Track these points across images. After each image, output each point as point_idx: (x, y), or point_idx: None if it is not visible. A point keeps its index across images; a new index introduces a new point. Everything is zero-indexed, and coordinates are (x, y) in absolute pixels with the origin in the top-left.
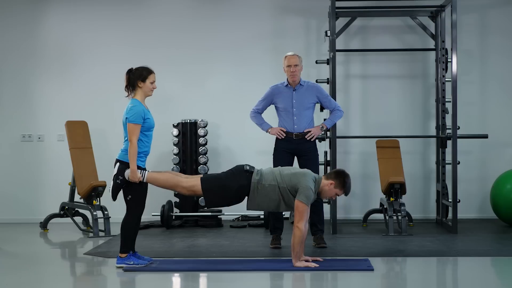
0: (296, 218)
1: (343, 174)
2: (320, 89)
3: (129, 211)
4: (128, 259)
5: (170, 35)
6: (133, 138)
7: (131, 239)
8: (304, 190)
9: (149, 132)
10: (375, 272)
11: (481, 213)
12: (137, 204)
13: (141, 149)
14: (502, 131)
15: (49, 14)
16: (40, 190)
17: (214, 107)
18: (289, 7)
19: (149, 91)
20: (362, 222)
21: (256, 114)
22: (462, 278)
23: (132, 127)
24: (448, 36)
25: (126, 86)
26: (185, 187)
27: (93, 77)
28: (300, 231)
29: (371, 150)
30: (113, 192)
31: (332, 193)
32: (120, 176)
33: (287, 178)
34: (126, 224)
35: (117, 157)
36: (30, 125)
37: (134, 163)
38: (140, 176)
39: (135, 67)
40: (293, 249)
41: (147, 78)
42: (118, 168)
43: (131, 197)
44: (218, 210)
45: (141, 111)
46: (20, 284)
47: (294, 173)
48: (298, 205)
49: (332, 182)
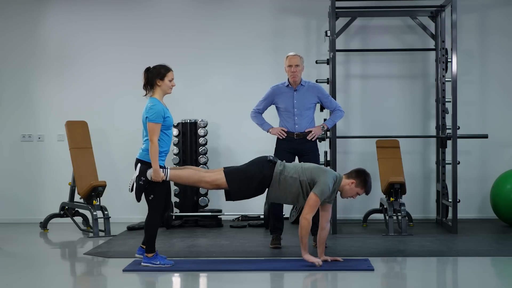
0: (305, 210)
1: (364, 173)
2: (321, 89)
3: (151, 211)
4: (155, 258)
5: (170, 35)
6: (154, 137)
7: (155, 238)
8: (321, 184)
9: (169, 130)
10: (375, 272)
11: (481, 213)
12: (160, 203)
13: (161, 148)
14: (502, 131)
15: (49, 14)
16: (40, 190)
17: (214, 107)
18: (289, 7)
19: (168, 89)
20: (362, 222)
21: (257, 114)
22: (462, 278)
23: (153, 126)
24: (448, 36)
25: (144, 85)
26: (208, 181)
27: (93, 77)
28: (308, 222)
29: (371, 150)
30: (137, 194)
31: (353, 192)
32: (143, 177)
33: (308, 172)
34: (150, 223)
35: (138, 156)
36: (30, 125)
37: (156, 162)
38: (163, 175)
39: (153, 65)
40: (301, 241)
41: (165, 76)
42: (139, 169)
43: (153, 196)
44: (218, 210)
45: (160, 109)
46: (20, 284)
47: (316, 167)
48: (311, 197)
49: (353, 181)
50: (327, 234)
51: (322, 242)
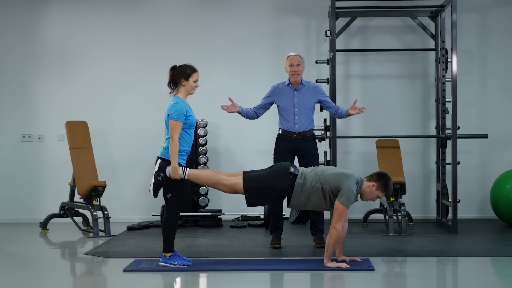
0: (334, 219)
1: (386, 176)
2: (321, 90)
3: (169, 209)
4: (173, 258)
5: (170, 34)
6: (175, 135)
7: (174, 237)
8: (346, 192)
9: (191, 130)
10: (375, 272)
11: (481, 213)
12: (178, 201)
13: (182, 147)
14: (502, 131)
15: (49, 14)
16: (40, 190)
17: (214, 107)
18: (289, 7)
19: (192, 90)
20: (362, 222)
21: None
22: (462, 278)
23: (174, 124)
24: (448, 36)
25: (169, 83)
26: (227, 185)
27: (93, 77)
28: (337, 232)
29: (371, 150)
30: (154, 189)
31: (373, 195)
32: (161, 173)
33: (330, 179)
34: (168, 222)
35: (159, 154)
36: (30, 125)
37: (175, 160)
38: (182, 173)
39: (179, 64)
40: (327, 249)
41: (190, 76)
42: (159, 165)
43: (171, 194)
44: (218, 210)
45: (183, 108)
46: (20, 284)
47: (338, 174)
48: (338, 206)
49: (374, 184)
50: (345, 234)
51: (340, 242)
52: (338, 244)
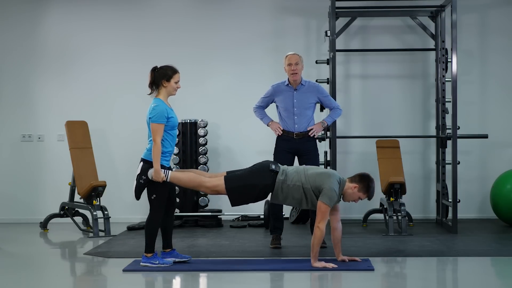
0: (317, 219)
1: (368, 178)
2: (321, 89)
3: (152, 211)
4: (154, 258)
5: (170, 35)
6: (157, 138)
7: (155, 239)
8: (328, 191)
9: (173, 130)
10: (375, 272)
11: (481, 213)
12: (161, 203)
13: (166, 148)
14: (502, 131)
15: (49, 14)
16: (40, 190)
17: (214, 107)
18: (289, 7)
19: (173, 91)
20: (362, 222)
21: (258, 108)
22: (462, 278)
23: (156, 127)
24: (448, 36)
25: (150, 84)
26: (209, 187)
27: (93, 77)
28: (321, 232)
29: (371, 150)
30: (136, 192)
31: (355, 197)
32: (144, 176)
33: (311, 179)
34: (150, 223)
35: (142, 156)
36: (30, 125)
37: (157, 162)
38: (164, 176)
39: (160, 65)
40: (312, 249)
41: (172, 77)
42: (141, 168)
43: (155, 196)
44: (218, 210)
45: (164, 110)
46: (20, 284)
47: (319, 173)
48: (321, 206)
49: (356, 185)
50: (340, 234)
51: (337, 242)
52: (336, 245)
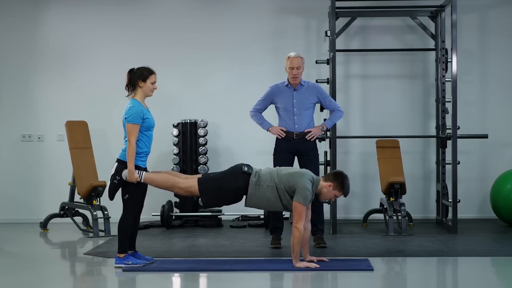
0: (294, 219)
1: (341, 175)
2: (320, 90)
3: (125, 211)
4: (127, 259)
5: (170, 35)
6: (131, 138)
7: (128, 239)
8: (302, 190)
9: (149, 131)
10: (375, 272)
11: (481, 213)
12: (134, 203)
13: (141, 149)
14: (502, 131)
15: (49, 14)
16: (40, 190)
17: (214, 107)
18: (289, 7)
19: (149, 92)
20: (362, 222)
21: (256, 113)
22: (462, 278)
23: (131, 127)
24: (448, 36)
25: (126, 85)
26: (182, 188)
27: (93, 77)
28: (299, 232)
29: (371, 150)
30: (110, 192)
31: (331, 195)
32: (118, 176)
33: (284, 179)
34: (123, 223)
35: (118, 156)
36: (30, 125)
37: (131, 163)
38: (138, 177)
39: (137, 67)
40: (292, 250)
41: (148, 78)
42: (116, 168)
43: (128, 196)
44: (218, 210)
45: (139, 111)
46: (20, 284)
47: (292, 173)
48: (296, 205)
49: (330, 184)
50: (309, 234)
51: (305, 243)
52: (304, 245)
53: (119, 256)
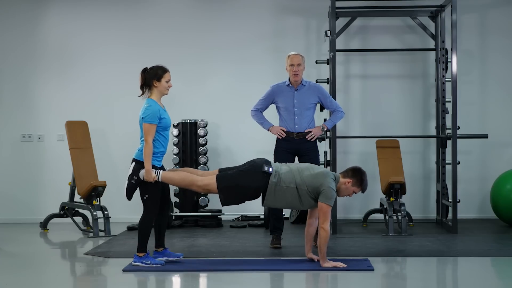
0: (320, 219)
1: (360, 172)
2: (322, 90)
3: (146, 211)
4: (146, 258)
5: (170, 35)
6: (149, 138)
7: (148, 239)
8: (328, 192)
9: (166, 131)
10: (375, 272)
11: (481, 213)
12: (154, 203)
13: (157, 149)
14: (502, 131)
15: (49, 14)
16: (40, 190)
17: (214, 107)
18: (289, 7)
19: (165, 90)
20: (362, 222)
21: (257, 112)
22: (462, 278)
23: (148, 127)
24: (448, 36)
25: (141, 86)
26: (200, 186)
27: (93, 77)
28: (326, 232)
29: (371, 150)
30: (128, 192)
31: (349, 191)
32: (135, 176)
33: (308, 180)
34: (143, 223)
35: (134, 156)
36: (30, 125)
37: (148, 163)
38: (155, 176)
39: (150, 66)
40: (320, 250)
41: (162, 77)
42: (133, 168)
43: (148, 196)
44: (218, 210)
45: (156, 110)
46: (20, 284)
47: (315, 174)
48: (322, 206)
49: (349, 180)
50: (315, 231)
51: (309, 239)
52: (308, 241)
53: (138, 255)
